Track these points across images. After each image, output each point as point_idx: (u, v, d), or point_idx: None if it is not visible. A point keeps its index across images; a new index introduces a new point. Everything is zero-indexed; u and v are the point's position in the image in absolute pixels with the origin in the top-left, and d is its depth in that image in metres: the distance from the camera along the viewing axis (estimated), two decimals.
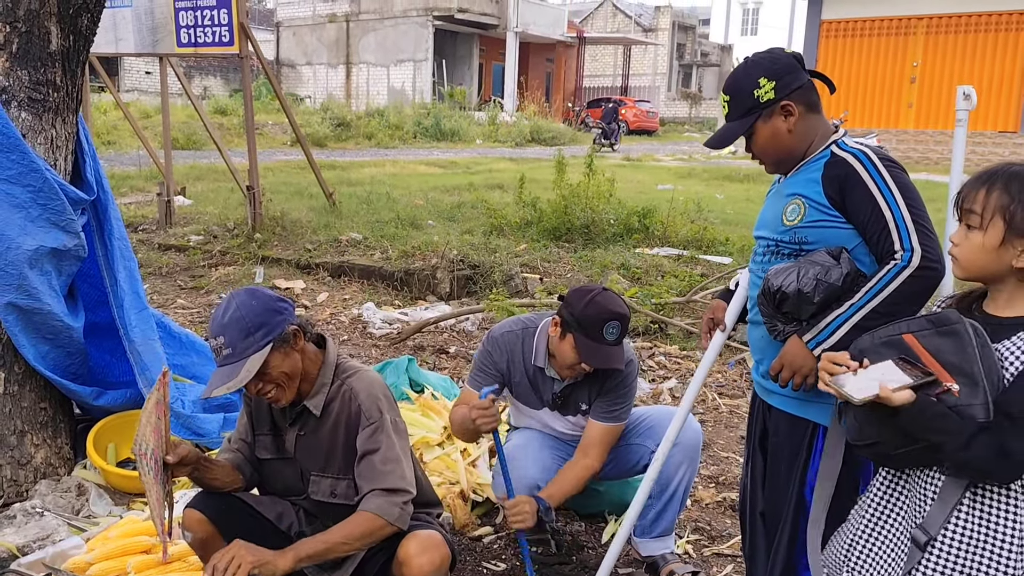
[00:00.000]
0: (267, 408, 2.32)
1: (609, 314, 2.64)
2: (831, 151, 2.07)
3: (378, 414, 2.20)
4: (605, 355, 2.66)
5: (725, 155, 22.46)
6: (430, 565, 2.12)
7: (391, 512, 2.15)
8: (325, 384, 2.24)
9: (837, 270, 2.00)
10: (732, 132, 2.16)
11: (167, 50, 8.73)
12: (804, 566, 2.13)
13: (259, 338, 2.07)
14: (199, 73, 30.75)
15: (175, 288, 7.16)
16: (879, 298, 1.94)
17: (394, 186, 12.52)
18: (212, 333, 2.10)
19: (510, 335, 2.89)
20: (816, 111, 2.13)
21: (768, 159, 2.19)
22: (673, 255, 7.67)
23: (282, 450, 2.31)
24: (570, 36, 36.95)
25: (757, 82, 2.09)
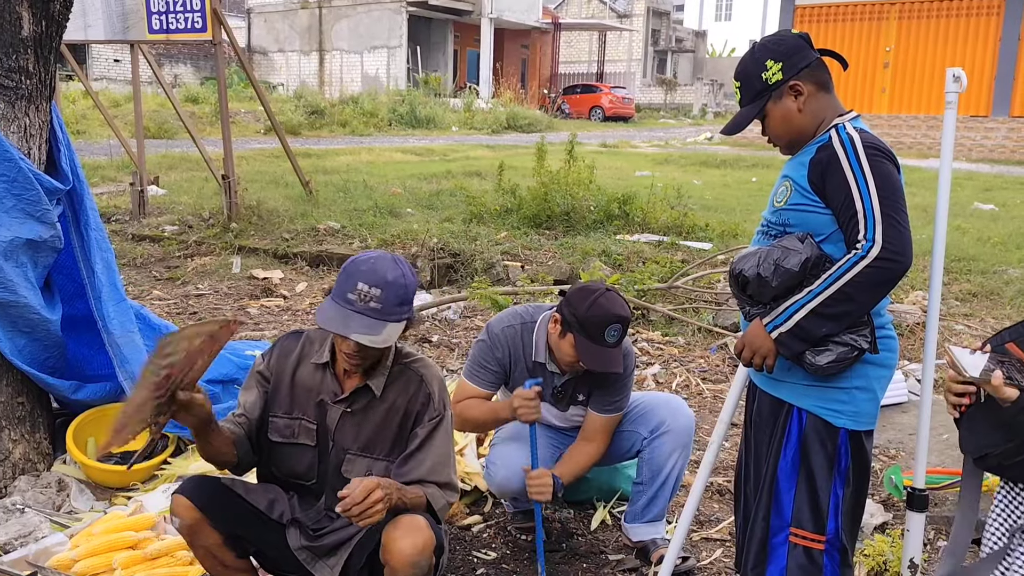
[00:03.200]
0: (289, 390, 2.28)
1: (612, 317, 2.62)
2: (829, 135, 2.08)
3: (443, 408, 2.24)
4: (605, 357, 2.66)
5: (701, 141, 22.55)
6: (412, 548, 2.08)
7: (440, 503, 2.23)
8: (387, 366, 2.24)
9: (796, 256, 2.03)
10: (745, 117, 2.18)
11: (138, 36, 8.56)
12: (778, 544, 2.17)
13: (405, 311, 2.11)
14: (169, 61, 30.27)
15: (150, 279, 7.05)
16: (836, 286, 1.98)
17: (371, 174, 12.43)
18: (367, 280, 2.06)
19: (510, 329, 2.86)
20: (827, 90, 2.14)
21: (781, 141, 2.20)
22: (654, 241, 7.67)
23: (297, 434, 2.27)
24: (545, 22, 36.82)
25: (764, 65, 2.11)
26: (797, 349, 2.07)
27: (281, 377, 2.29)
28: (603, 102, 33.00)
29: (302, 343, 2.31)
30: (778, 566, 2.18)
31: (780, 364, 2.13)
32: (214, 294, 6.60)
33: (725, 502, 3.48)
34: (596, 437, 2.87)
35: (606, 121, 31.93)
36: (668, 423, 2.89)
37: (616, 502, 3.33)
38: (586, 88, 34.92)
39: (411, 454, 2.21)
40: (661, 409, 2.94)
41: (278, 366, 2.31)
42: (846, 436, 2.13)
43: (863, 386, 2.12)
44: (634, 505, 2.96)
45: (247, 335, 5.42)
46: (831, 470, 2.13)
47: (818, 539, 2.14)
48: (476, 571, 2.92)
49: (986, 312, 6.16)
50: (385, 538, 2.12)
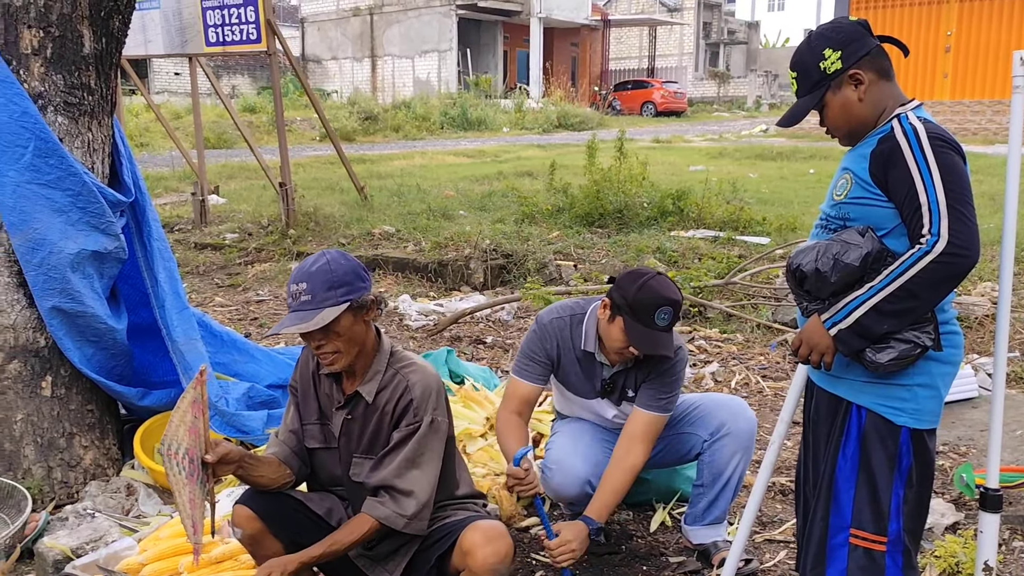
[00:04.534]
0: (314, 396, 2.32)
1: (662, 299, 2.57)
2: (891, 125, 2.01)
3: (423, 415, 2.20)
4: (655, 340, 2.60)
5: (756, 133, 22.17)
6: (495, 556, 2.11)
7: (396, 522, 2.17)
8: (379, 372, 2.24)
9: (856, 250, 1.97)
10: (802, 108, 2.12)
11: (196, 50, 8.79)
12: (838, 545, 2.11)
13: (340, 294, 2.11)
14: (226, 72, 30.99)
15: (212, 286, 7.22)
16: (899, 282, 1.91)
17: (424, 177, 12.53)
18: (294, 279, 2.14)
19: (559, 321, 2.84)
20: (888, 78, 2.07)
21: (840, 132, 2.14)
22: (709, 237, 7.57)
23: (329, 439, 2.30)
24: (594, 19, 36.64)
25: (822, 54, 2.05)
26: (857, 346, 2.01)
27: (306, 387, 2.34)
28: (655, 97, 32.69)
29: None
30: (838, 568, 2.13)
31: (838, 361, 2.08)
32: (273, 299, 6.72)
33: (788, 502, 3.41)
34: (636, 446, 2.72)
35: (658, 116, 31.63)
36: (729, 425, 2.84)
37: (675, 503, 3.29)
38: (637, 84, 34.64)
39: (382, 457, 2.21)
40: (722, 411, 2.88)
41: (302, 376, 2.36)
42: (908, 435, 2.06)
43: (926, 383, 2.05)
44: (694, 507, 2.92)
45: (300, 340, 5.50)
46: (892, 469, 2.07)
47: (879, 540, 2.08)
48: (535, 574, 2.91)
49: None
50: (467, 543, 2.13)
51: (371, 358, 2.24)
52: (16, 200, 2.99)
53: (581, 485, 2.85)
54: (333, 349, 2.14)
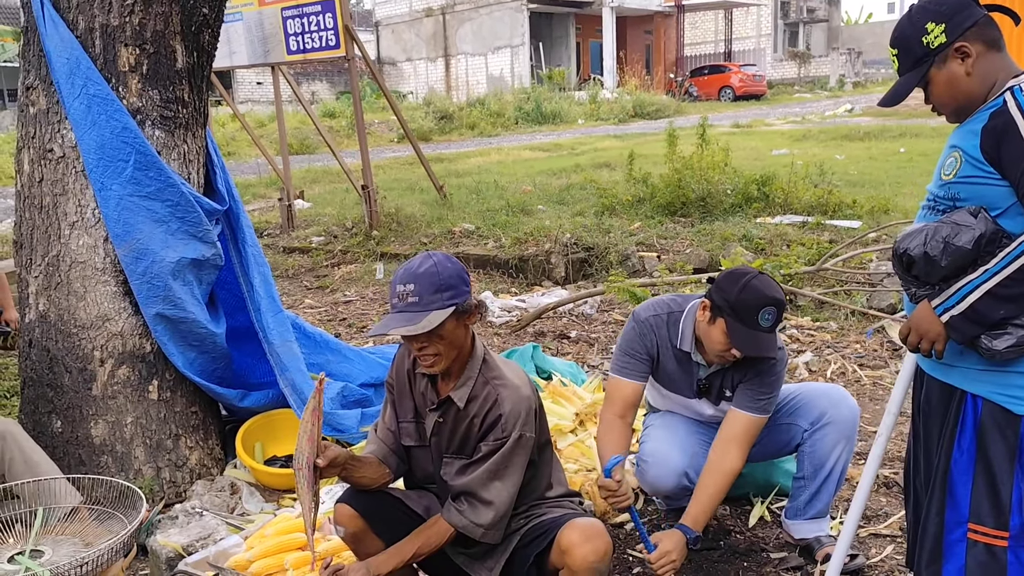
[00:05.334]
0: (409, 394, 2.35)
1: (766, 299, 2.50)
2: (1003, 99, 1.89)
3: (512, 429, 2.18)
4: (758, 342, 2.53)
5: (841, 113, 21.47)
6: (595, 554, 2.09)
7: (473, 532, 2.18)
8: (471, 377, 2.24)
9: (969, 232, 1.86)
10: (906, 86, 2.02)
11: (278, 59, 9.02)
12: (955, 541, 2.01)
13: (446, 298, 2.12)
14: (305, 79, 31.76)
15: (301, 289, 7.40)
16: (1016, 264, 1.81)
17: (501, 174, 12.57)
18: (401, 280, 2.14)
19: (656, 318, 2.79)
20: (997, 49, 1.96)
21: (947, 109, 2.03)
22: (797, 222, 7.36)
23: (423, 437, 2.33)
24: (668, 6, 36.08)
25: (924, 28, 1.95)
26: (971, 333, 1.91)
27: (402, 385, 2.36)
28: (732, 81, 31.99)
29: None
30: (956, 564, 2.03)
31: (951, 348, 1.98)
32: (360, 300, 6.85)
33: (892, 495, 3.28)
34: (733, 448, 2.65)
35: (737, 101, 30.94)
36: (830, 414, 2.74)
37: (774, 498, 3.21)
38: (714, 68, 33.96)
39: (466, 464, 2.22)
40: (822, 400, 2.79)
41: (398, 375, 2.38)
42: None
43: None
44: (795, 501, 2.84)
45: (393, 339, 5.59)
46: (1012, 461, 1.96)
47: (1001, 535, 1.98)
48: (632, 570, 2.88)
49: None
50: (565, 542, 2.13)
51: (466, 362, 2.25)
52: (120, 212, 3.12)
53: (678, 477, 2.81)
54: (434, 352, 2.15)
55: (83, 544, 2.63)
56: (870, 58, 37.79)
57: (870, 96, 26.16)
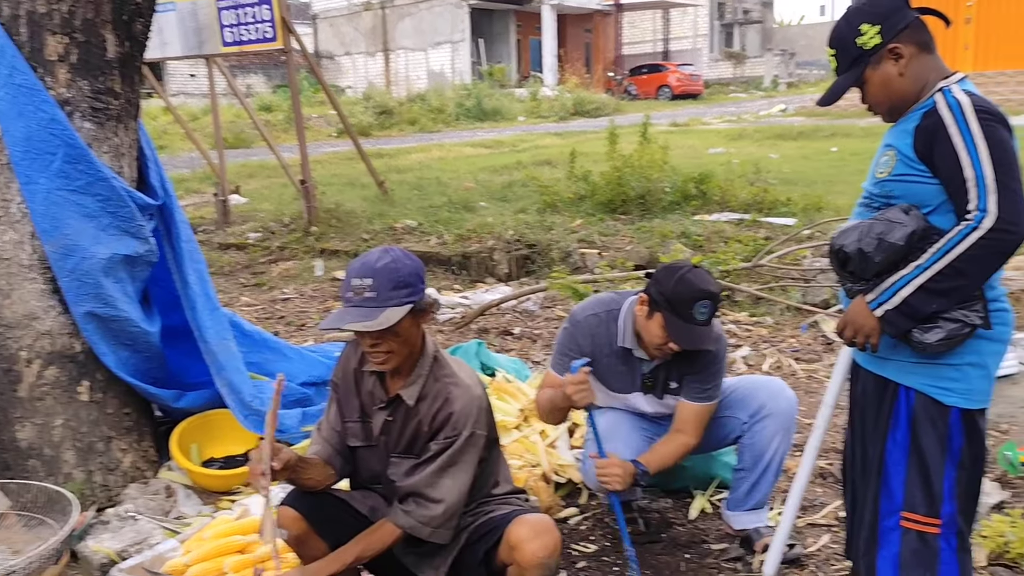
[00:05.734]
0: (356, 393, 2.31)
1: (700, 292, 2.54)
2: (934, 99, 1.96)
3: (463, 428, 2.17)
4: (694, 335, 2.57)
5: (775, 113, 21.95)
6: (544, 550, 2.09)
7: (420, 532, 2.16)
8: (421, 375, 2.22)
9: (901, 229, 1.93)
10: (842, 85, 2.08)
11: (213, 50, 8.81)
12: (890, 529, 2.08)
13: (404, 295, 2.08)
14: (241, 72, 31.09)
15: (238, 286, 7.25)
16: (946, 260, 1.88)
17: (442, 170, 12.52)
18: (357, 274, 2.09)
19: (593, 317, 2.81)
20: (929, 50, 2.03)
21: (882, 108, 2.09)
22: (734, 220, 7.50)
23: (370, 436, 2.30)
24: (607, 5, 36.40)
25: (858, 30, 2.01)
26: (904, 327, 1.97)
27: (347, 384, 2.32)
28: (670, 81, 32.47)
29: (361, 349, 2.33)
30: (890, 551, 2.09)
31: (885, 342, 2.04)
32: (299, 297, 6.74)
33: (828, 486, 3.37)
34: (688, 428, 2.75)
35: (675, 100, 31.40)
36: (769, 406, 2.80)
37: (714, 490, 3.26)
38: (652, 68, 34.40)
39: (416, 464, 2.20)
40: (760, 392, 2.85)
41: (343, 374, 2.34)
42: (958, 415, 2.03)
43: (975, 362, 2.01)
44: (735, 492, 2.89)
45: (335, 336, 5.52)
46: (943, 451, 2.03)
47: (933, 523, 2.05)
48: (576, 564, 2.90)
49: None
50: (514, 538, 2.12)
51: (416, 360, 2.22)
52: (47, 207, 3.00)
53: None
54: (387, 349, 2.12)
55: (10, 552, 2.52)
56: (803, 59, 38.73)
57: (803, 96, 26.81)
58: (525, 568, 2.10)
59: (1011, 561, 2.73)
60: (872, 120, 2.19)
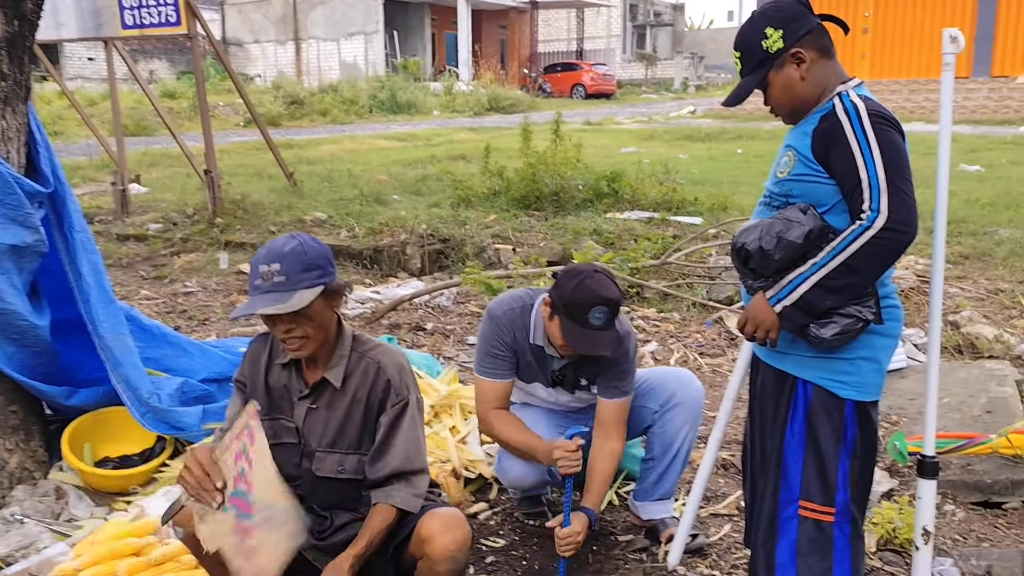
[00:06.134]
0: (264, 389, 2.26)
1: (596, 299, 2.54)
2: (832, 103, 2.03)
3: (406, 393, 2.20)
4: (590, 340, 2.58)
5: (684, 115, 22.48)
6: (454, 544, 2.10)
7: (413, 504, 2.17)
8: (343, 356, 2.20)
9: (799, 228, 2.00)
10: (746, 87, 2.14)
11: (112, 33, 8.42)
12: (788, 518, 2.15)
13: (315, 276, 2.07)
14: (143, 57, 29.88)
15: (137, 279, 6.97)
16: (840, 258, 1.95)
17: (355, 162, 12.33)
18: (264, 260, 2.07)
19: (511, 313, 2.81)
20: (829, 56, 2.10)
21: (784, 110, 2.15)
22: (644, 218, 7.64)
23: (280, 433, 2.24)
24: (522, 2, 36.54)
25: (764, 33, 2.07)
26: (801, 322, 2.04)
27: (256, 381, 2.28)
28: (584, 80, 32.86)
29: (270, 344, 2.29)
30: (788, 540, 2.17)
31: (783, 337, 2.11)
32: (202, 291, 6.52)
33: (730, 476, 3.47)
34: (612, 431, 2.76)
35: (588, 99, 31.80)
36: (679, 395, 2.86)
37: (622, 482, 3.31)
38: (567, 66, 34.74)
39: (380, 446, 2.19)
40: (671, 382, 2.90)
41: (251, 371, 2.30)
42: (852, 407, 2.11)
43: (868, 356, 2.10)
44: (644, 482, 2.94)
45: (239, 331, 5.37)
46: (838, 442, 2.11)
47: (827, 511, 2.13)
48: (485, 559, 2.90)
49: (979, 274, 6.17)
50: (425, 531, 2.12)
51: (334, 344, 2.21)
52: None
53: (540, 473, 2.85)
54: (302, 334, 2.09)
55: None
56: (711, 63, 39.79)
57: (711, 99, 27.56)
58: (435, 561, 2.10)
59: (899, 546, 2.87)
60: (776, 124, 2.26)
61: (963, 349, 4.71)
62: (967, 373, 4.19)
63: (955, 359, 4.58)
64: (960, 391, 3.94)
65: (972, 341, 4.73)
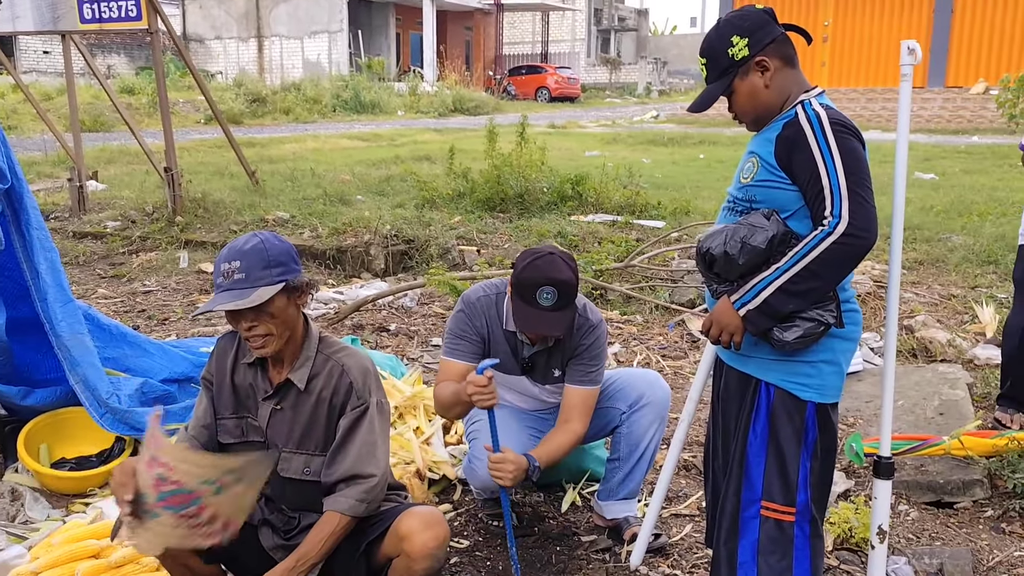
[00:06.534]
0: (231, 389, 2.24)
1: (543, 278, 2.54)
2: (795, 111, 2.07)
3: (368, 395, 2.18)
4: (538, 320, 2.57)
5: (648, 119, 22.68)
6: (434, 541, 2.10)
7: (358, 509, 2.14)
8: (309, 357, 2.19)
9: (762, 233, 2.04)
10: (712, 94, 2.17)
11: (70, 27, 8.26)
12: (750, 518, 2.19)
13: (276, 274, 2.07)
14: (102, 51, 29.32)
15: (95, 277, 6.84)
16: (803, 263, 1.99)
17: (318, 162, 12.23)
18: (225, 258, 2.07)
19: (485, 299, 2.81)
20: (792, 65, 2.14)
21: (748, 117, 2.19)
22: (608, 221, 7.70)
23: (247, 432, 2.22)
24: (487, 3, 36.58)
25: (730, 41, 2.10)
26: (764, 326, 2.08)
27: (222, 379, 2.27)
28: (549, 83, 32.97)
29: (237, 342, 2.28)
30: (750, 539, 2.20)
31: (747, 340, 2.14)
32: (162, 290, 6.43)
33: (691, 477, 3.51)
34: (574, 415, 2.76)
35: (552, 102, 31.91)
36: (648, 395, 2.88)
37: (585, 483, 3.34)
38: (531, 69, 34.85)
39: (335, 450, 2.18)
40: (640, 382, 2.93)
41: (218, 368, 2.28)
42: (813, 409, 2.15)
43: (829, 359, 2.14)
44: (609, 482, 2.96)
45: (200, 331, 5.30)
46: (799, 443, 2.16)
47: (788, 511, 2.17)
48: (450, 560, 2.90)
49: (933, 279, 6.32)
50: (404, 528, 2.11)
51: (300, 345, 2.19)
52: None
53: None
54: (265, 331, 2.09)
55: None
56: (675, 68, 40.22)
57: (674, 104, 27.83)
58: (414, 559, 2.09)
59: (855, 545, 2.93)
60: (737, 130, 2.30)
61: (917, 353, 4.83)
62: (920, 376, 4.29)
63: (909, 363, 4.68)
64: (914, 394, 4.03)
65: (926, 345, 4.85)
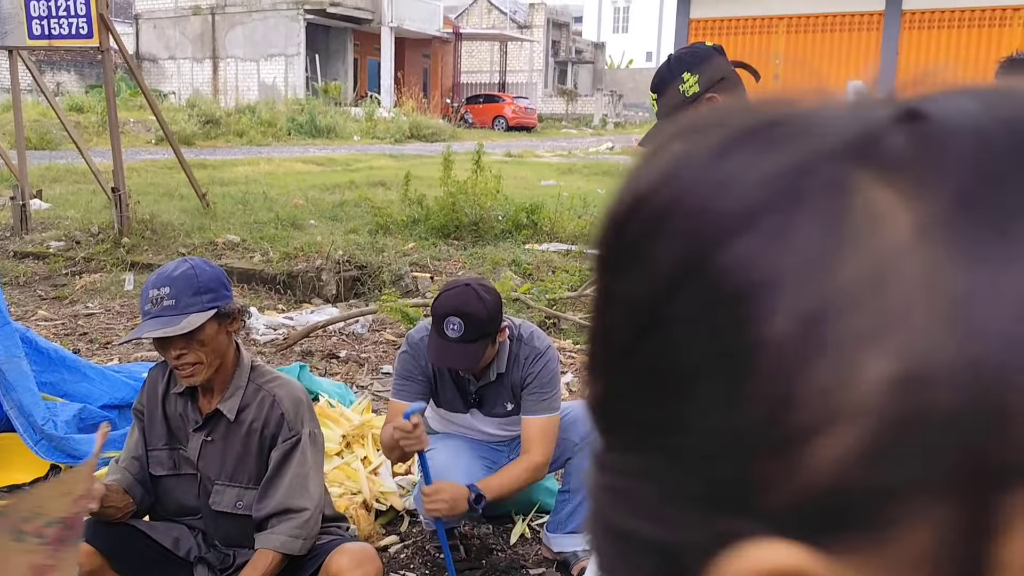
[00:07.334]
0: (162, 419, 2.17)
1: (448, 309, 2.51)
2: None
3: (300, 426, 2.13)
4: (445, 352, 2.54)
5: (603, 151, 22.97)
6: None
7: (293, 546, 2.08)
8: (240, 387, 2.14)
9: None
10: (663, 130, 2.16)
11: (17, 42, 8.09)
12: None
13: (206, 300, 2.02)
14: (50, 68, 28.76)
15: (35, 299, 6.64)
16: None
17: (271, 185, 12.11)
18: (154, 284, 2.03)
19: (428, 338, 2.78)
20: None
21: None
22: (562, 250, 7.74)
23: (179, 464, 2.15)
24: (446, 32, 36.82)
25: (681, 77, 2.12)
26: None
27: (153, 409, 2.21)
28: (506, 112, 33.21)
29: (168, 371, 2.22)
30: None
31: None
32: (105, 313, 6.26)
33: None
34: (532, 445, 2.69)
35: (509, 131, 32.12)
36: None
37: (535, 515, 3.31)
38: (489, 98, 35.08)
39: (267, 483, 2.13)
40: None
41: (149, 398, 2.23)
42: None
43: None
44: (558, 514, 2.94)
45: (143, 356, 5.16)
46: None
47: None
48: None
49: None
50: (334, 567, 2.06)
51: (231, 373, 2.14)
52: None
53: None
54: (195, 360, 2.03)
55: None
56: (630, 101, 40.82)
57: (629, 136, 28.22)
58: None
59: None
60: None
61: None
62: None
63: None
64: None
65: None
